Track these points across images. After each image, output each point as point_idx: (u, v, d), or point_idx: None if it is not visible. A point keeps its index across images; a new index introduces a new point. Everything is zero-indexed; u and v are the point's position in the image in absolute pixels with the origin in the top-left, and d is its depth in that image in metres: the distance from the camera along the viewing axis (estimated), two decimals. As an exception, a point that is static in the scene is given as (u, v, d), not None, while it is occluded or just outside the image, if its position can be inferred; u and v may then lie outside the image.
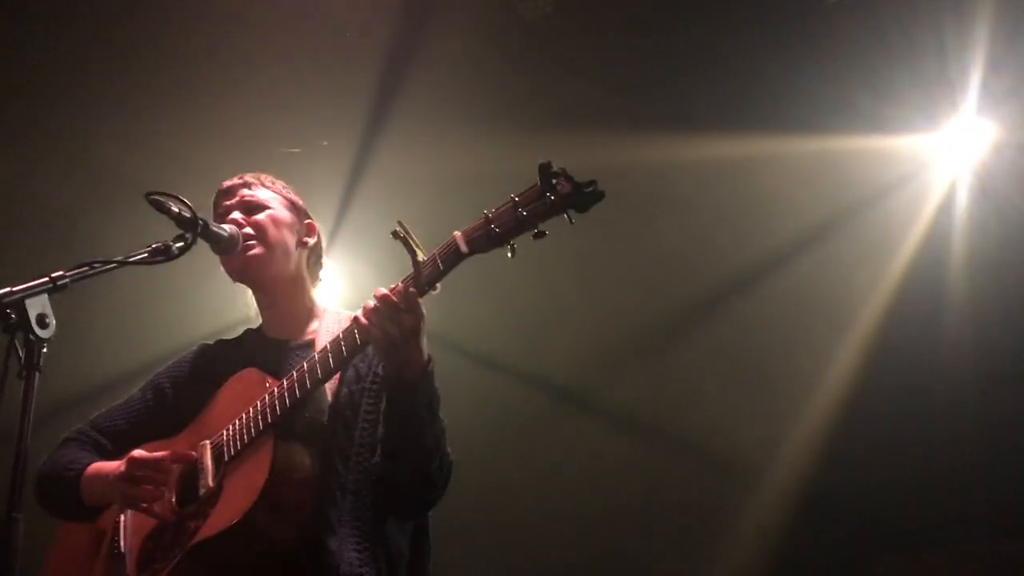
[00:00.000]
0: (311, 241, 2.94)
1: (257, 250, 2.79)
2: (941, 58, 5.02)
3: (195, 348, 3.03)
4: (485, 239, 2.29)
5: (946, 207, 5.48)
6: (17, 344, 2.06)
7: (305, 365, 2.54)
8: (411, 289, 2.38)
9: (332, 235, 5.51)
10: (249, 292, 2.94)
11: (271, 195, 2.91)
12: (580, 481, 6.09)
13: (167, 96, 5.08)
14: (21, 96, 4.95)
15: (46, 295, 2.12)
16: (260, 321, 2.97)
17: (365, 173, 5.49)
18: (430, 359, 2.48)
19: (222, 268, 2.86)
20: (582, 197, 2.22)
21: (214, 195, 2.95)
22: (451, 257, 2.33)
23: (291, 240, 2.87)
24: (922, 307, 5.62)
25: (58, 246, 4.99)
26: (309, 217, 2.98)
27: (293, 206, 2.93)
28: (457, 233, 2.33)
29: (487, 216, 2.30)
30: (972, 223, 5.45)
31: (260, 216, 2.84)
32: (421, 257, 2.36)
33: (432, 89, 5.21)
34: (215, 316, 4.74)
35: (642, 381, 6.08)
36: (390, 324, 2.37)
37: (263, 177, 2.96)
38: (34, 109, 5.01)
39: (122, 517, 2.76)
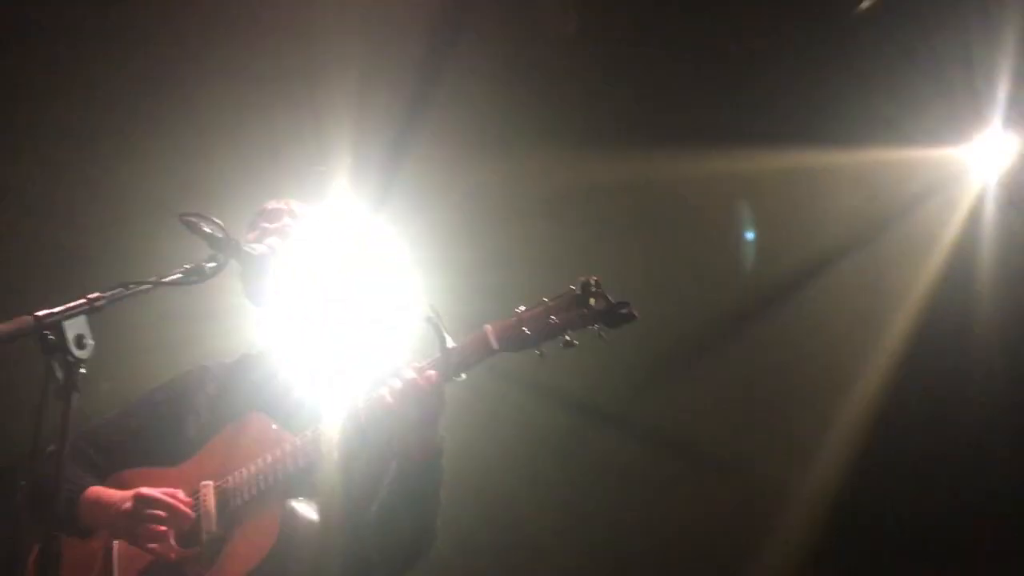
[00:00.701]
0: None
1: None
2: (968, 70, 5.00)
3: (197, 368, 3.01)
4: (517, 340, 2.37)
5: (974, 219, 5.44)
6: (56, 365, 2.09)
7: (321, 428, 2.55)
8: (438, 377, 2.41)
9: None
10: (258, 315, 2.92)
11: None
12: (606, 499, 6.06)
13: (197, 115, 5.14)
14: (54, 116, 5.01)
15: (84, 316, 2.15)
16: (268, 348, 2.96)
17: (390, 192, 5.52)
18: (443, 439, 2.53)
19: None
20: (615, 317, 2.29)
21: (257, 209, 2.95)
22: (480, 352, 2.41)
23: None
24: (951, 320, 5.57)
25: (95, 267, 5.05)
26: None
27: None
28: (488, 327, 2.40)
29: (519, 316, 2.36)
30: (1000, 236, 5.41)
31: None
32: (450, 344, 2.40)
33: (457, 107, 5.24)
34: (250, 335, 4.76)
35: (669, 398, 6.05)
36: (413, 407, 2.42)
37: (307, 209, 2.95)
38: (68, 131, 5.07)
39: (115, 543, 2.77)
